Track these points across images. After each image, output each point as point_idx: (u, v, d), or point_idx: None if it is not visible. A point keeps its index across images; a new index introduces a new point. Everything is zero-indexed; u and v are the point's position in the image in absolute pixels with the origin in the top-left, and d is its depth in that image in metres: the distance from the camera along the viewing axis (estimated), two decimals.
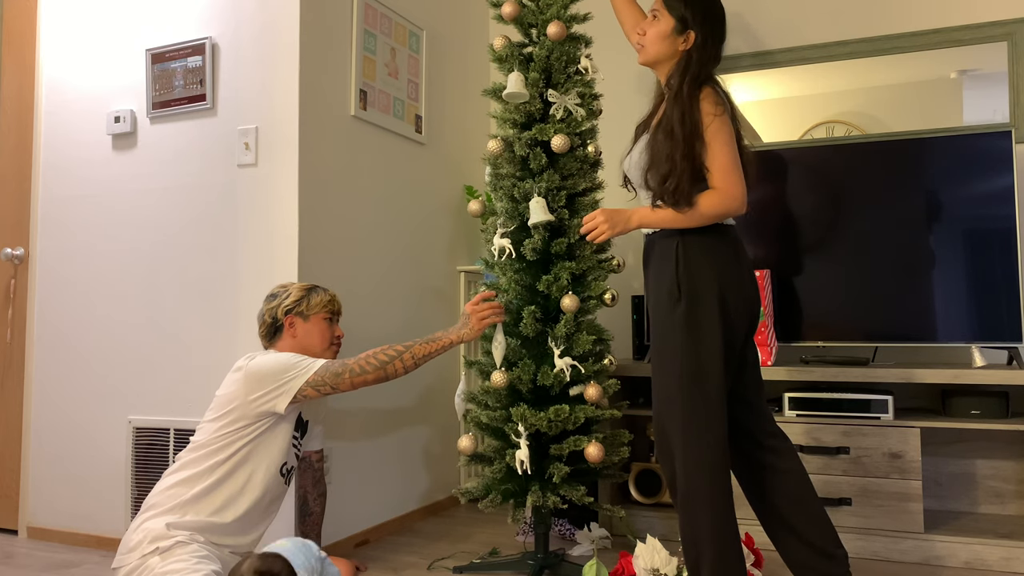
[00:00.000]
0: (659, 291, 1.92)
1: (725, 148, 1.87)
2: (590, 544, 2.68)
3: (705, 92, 1.91)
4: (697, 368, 1.86)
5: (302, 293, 2.18)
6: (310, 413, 2.23)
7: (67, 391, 2.89)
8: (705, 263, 1.89)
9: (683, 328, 1.86)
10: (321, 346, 2.19)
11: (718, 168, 1.87)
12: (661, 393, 1.91)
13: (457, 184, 3.48)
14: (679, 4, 1.96)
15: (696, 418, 1.84)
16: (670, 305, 1.89)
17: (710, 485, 1.83)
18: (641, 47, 2.04)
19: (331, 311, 2.21)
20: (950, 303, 2.72)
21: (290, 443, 2.09)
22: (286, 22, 2.59)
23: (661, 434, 1.91)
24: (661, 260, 1.93)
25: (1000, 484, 2.83)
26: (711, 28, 1.96)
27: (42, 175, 3.00)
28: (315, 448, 2.35)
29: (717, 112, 1.88)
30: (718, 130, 1.88)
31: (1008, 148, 2.67)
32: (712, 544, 1.81)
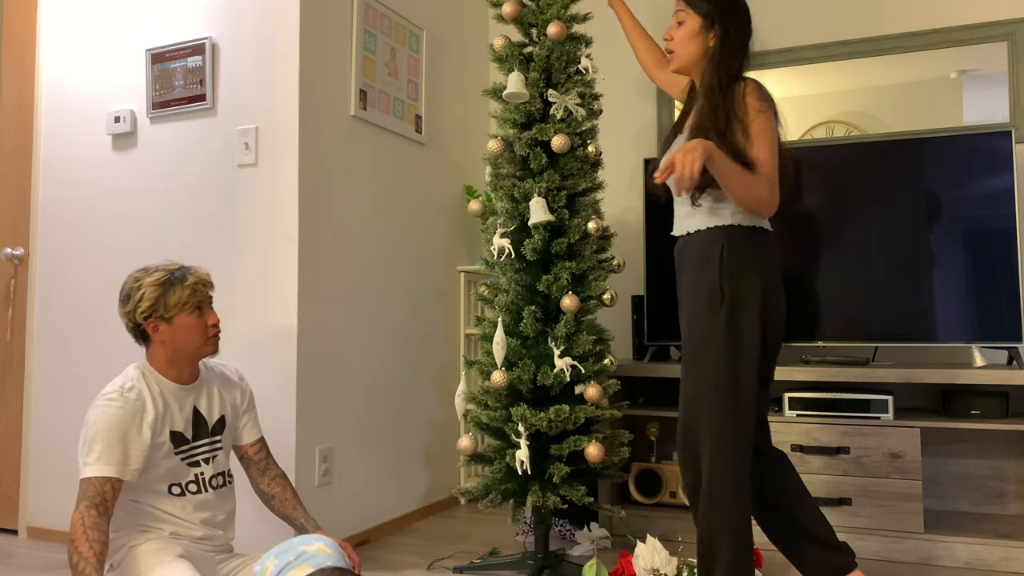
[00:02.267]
0: (698, 293, 1.89)
1: (771, 147, 1.86)
2: (590, 544, 2.68)
3: (750, 87, 1.90)
4: (734, 373, 1.84)
5: (157, 292, 1.86)
6: (210, 410, 2.02)
7: (67, 391, 2.89)
8: (750, 268, 1.87)
9: (724, 332, 1.84)
10: (195, 345, 1.92)
11: (765, 161, 1.84)
12: (694, 395, 1.89)
13: (457, 184, 3.48)
14: (702, 2, 1.96)
15: (728, 422, 1.84)
16: (711, 308, 1.86)
17: (735, 490, 1.83)
18: (671, 53, 2.03)
19: (196, 303, 1.90)
20: (950, 303, 2.72)
21: (177, 463, 1.92)
22: (286, 22, 2.59)
23: (688, 435, 1.90)
24: (703, 262, 1.89)
25: (1000, 484, 2.83)
26: (737, 20, 1.96)
27: (42, 175, 3.00)
28: (248, 441, 2.10)
29: (762, 108, 1.86)
30: (764, 127, 1.86)
31: (1008, 148, 2.68)
32: (730, 547, 1.82)
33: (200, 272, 1.94)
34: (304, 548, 1.73)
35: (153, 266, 1.93)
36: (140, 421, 1.85)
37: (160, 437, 1.89)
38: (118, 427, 1.81)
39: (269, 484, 2.10)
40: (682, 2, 2.00)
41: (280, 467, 2.13)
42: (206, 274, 1.95)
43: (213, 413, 2.02)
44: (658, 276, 3.08)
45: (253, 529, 2.56)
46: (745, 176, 1.80)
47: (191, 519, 1.93)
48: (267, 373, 2.56)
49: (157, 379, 1.92)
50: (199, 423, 1.98)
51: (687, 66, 2.03)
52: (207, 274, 1.96)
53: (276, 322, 2.56)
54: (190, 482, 1.95)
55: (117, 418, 1.81)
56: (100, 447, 1.79)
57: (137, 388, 1.87)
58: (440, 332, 3.33)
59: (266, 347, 2.57)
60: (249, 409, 2.11)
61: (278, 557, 1.71)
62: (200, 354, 1.95)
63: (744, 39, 1.97)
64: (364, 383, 2.85)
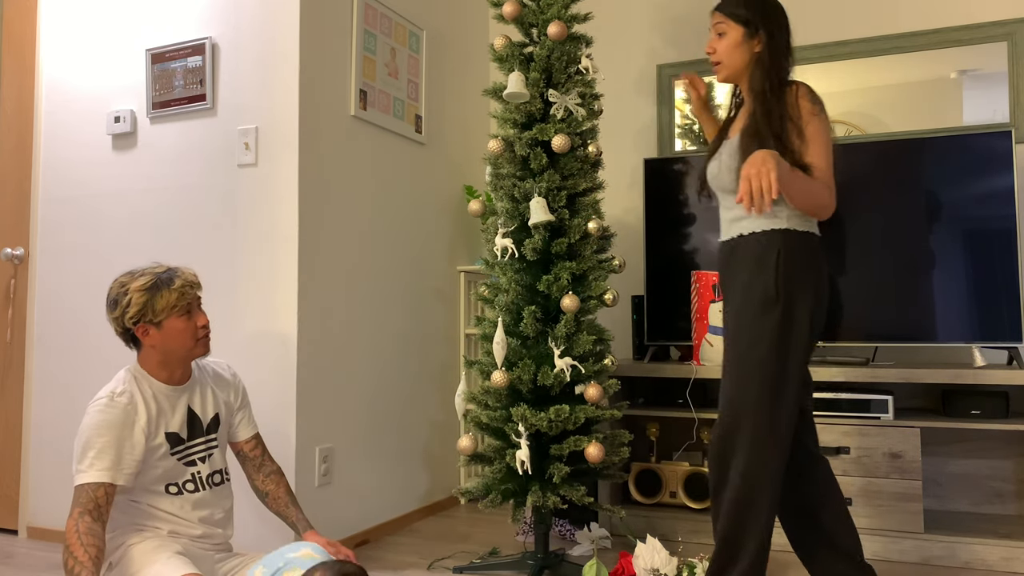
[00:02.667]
0: (750, 294, 1.88)
1: (828, 146, 1.87)
2: (590, 544, 2.68)
3: (802, 89, 1.91)
4: (782, 376, 1.85)
5: (144, 297, 1.84)
6: (204, 409, 2.02)
7: (67, 391, 2.89)
8: (804, 273, 1.87)
9: (775, 335, 1.85)
10: (186, 347, 1.91)
11: (821, 164, 1.86)
12: (736, 396, 1.88)
13: (457, 184, 3.48)
14: (741, 10, 1.98)
15: (771, 426, 1.84)
16: (764, 310, 1.86)
17: (769, 494, 1.84)
18: (717, 64, 2.04)
19: (184, 306, 1.88)
20: (950, 303, 2.72)
21: (174, 464, 1.93)
22: (286, 22, 2.59)
23: (725, 432, 1.89)
24: (758, 265, 1.88)
25: (1000, 484, 2.83)
26: (776, 22, 1.98)
27: (42, 175, 3.00)
28: (244, 438, 2.11)
29: (816, 111, 1.88)
30: (819, 129, 1.87)
31: (1008, 148, 2.68)
32: (752, 550, 1.84)
33: (187, 274, 1.92)
34: (291, 555, 1.76)
35: (139, 269, 1.92)
36: (132, 425, 1.85)
37: (155, 440, 1.89)
38: (109, 432, 1.81)
39: (264, 481, 2.10)
40: (720, 14, 2.01)
41: (276, 463, 2.13)
42: (193, 275, 1.94)
43: (207, 412, 2.02)
44: (658, 276, 3.08)
45: (252, 529, 2.56)
46: (807, 182, 1.81)
47: (189, 517, 1.94)
48: (267, 373, 2.56)
49: (149, 382, 1.92)
50: (194, 422, 1.98)
51: (734, 74, 2.04)
52: (194, 275, 1.94)
53: (276, 322, 2.56)
54: (187, 481, 1.95)
55: (108, 423, 1.81)
56: (92, 453, 1.79)
57: (128, 392, 1.87)
58: (440, 332, 3.33)
59: (266, 347, 2.57)
60: (243, 406, 2.12)
61: (267, 566, 1.74)
62: (191, 356, 1.94)
63: (788, 38, 1.99)
64: (364, 383, 2.85)
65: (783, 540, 2.68)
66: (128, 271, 1.92)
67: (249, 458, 2.12)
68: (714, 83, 3.36)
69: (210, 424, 2.02)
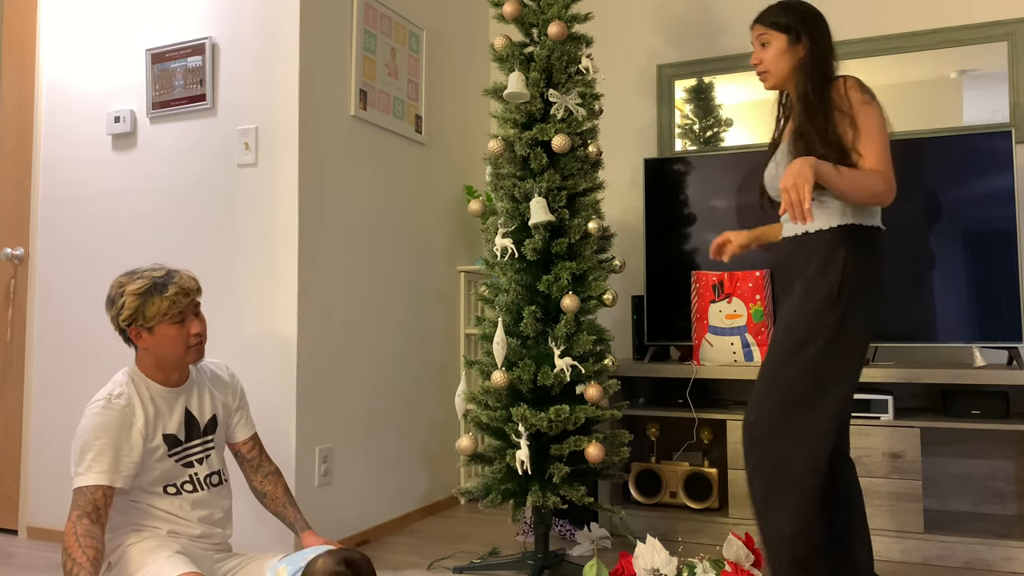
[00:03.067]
0: (811, 293, 1.88)
1: (880, 133, 1.87)
2: (590, 544, 2.68)
3: (850, 81, 1.93)
4: (836, 376, 1.86)
5: (136, 302, 1.83)
6: (202, 410, 2.01)
7: (67, 391, 2.89)
8: (868, 274, 1.88)
9: (834, 334, 1.85)
10: (176, 355, 1.89)
11: (874, 152, 1.85)
12: (787, 390, 1.88)
13: (457, 184, 3.48)
14: (782, 18, 2.02)
15: (819, 424, 1.85)
16: (824, 309, 1.85)
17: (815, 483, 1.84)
18: (765, 73, 2.06)
19: (175, 314, 1.86)
20: (950, 303, 2.72)
21: (172, 465, 1.92)
22: (286, 22, 2.59)
23: (764, 427, 1.89)
24: (823, 262, 1.89)
25: (1000, 484, 2.83)
26: (818, 26, 2.01)
27: (42, 175, 3.00)
28: (241, 439, 2.11)
29: (866, 100, 1.89)
30: (870, 118, 1.87)
31: (1008, 148, 2.68)
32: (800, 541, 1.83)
33: (183, 281, 1.88)
34: (313, 556, 1.76)
35: (140, 270, 1.89)
36: (130, 427, 1.85)
37: (153, 441, 1.89)
38: (107, 434, 1.81)
39: (262, 482, 2.10)
40: (761, 26, 2.05)
41: (274, 464, 2.13)
42: (191, 281, 1.90)
43: (205, 413, 2.02)
44: (658, 276, 3.08)
45: (252, 529, 2.56)
46: (856, 175, 1.81)
47: (189, 517, 1.94)
48: (267, 373, 2.56)
49: (147, 383, 1.92)
50: (191, 424, 1.98)
51: (781, 82, 2.06)
52: (192, 280, 1.90)
53: (276, 322, 2.56)
54: (185, 482, 1.95)
55: (105, 426, 1.81)
56: (90, 456, 1.79)
57: (126, 394, 1.87)
58: (440, 332, 3.33)
59: (266, 347, 2.57)
60: (241, 407, 2.11)
61: (289, 564, 1.75)
62: (183, 363, 1.93)
63: (830, 40, 2.02)
64: (364, 383, 2.85)
65: None
66: (129, 271, 1.91)
67: (247, 459, 2.12)
68: (714, 83, 3.36)
69: (207, 425, 2.02)
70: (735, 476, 2.76)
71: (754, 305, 2.81)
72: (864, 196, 1.82)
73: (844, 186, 1.80)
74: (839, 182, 1.79)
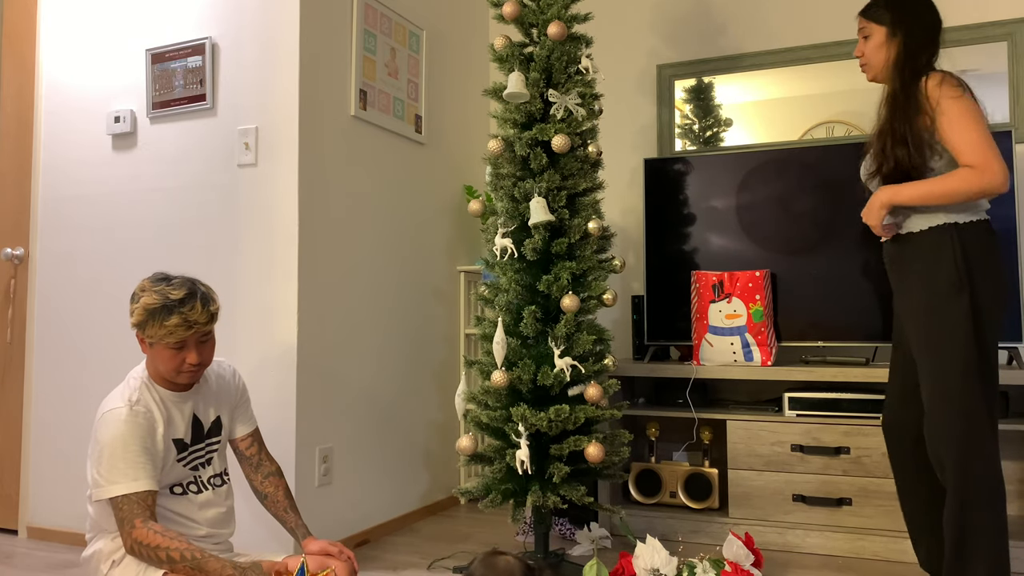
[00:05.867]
0: (933, 284, 1.90)
1: (972, 123, 1.85)
2: (590, 544, 2.68)
3: (934, 78, 1.92)
4: (982, 357, 1.88)
5: (142, 316, 1.82)
6: (207, 413, 2.02)
7: (67, 391, 2.89)
8: (982, 259, 1.89)
9: (968, 319, 1.86)
10: (167, 375, 1.88)
11: (967, 144, 1.84)
12: (938, 388, 1.90)
13: (457, 184, 3.48)
14: (881, 10, 2.03)
15: (980, 410, 1.87)
16: (950, 296, 1.87)
17: (997, 477, 1.85)
18: (865, 65, 2.09)
19: (175, 343, 1.83)
20: None
21: (178, 468, 1.92)
22: (286, 22, 2.59)
23: (938, 431, 1.90)
24: (932, 252, 1.91)
25: None
26: (919, 19, 2.00)
27: (42, 175, 3.00)
28: (240, 435, 2.10)
29: (952, 95, 1.87)
30: (958, 111, 1.86)
31: (1008, 148, 2.67)
32: (994, 538, 1.82)
33: (192, 313, 1.82)
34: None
35: (167, 280, 1.86)
36: (153, 433, 1.87)
37: (166, 446, 1.90)
38: (137, 441, 1.81)
39: (263, 483, 2.10)
40: (863, 18, 2.07)
41: (275, 463, 2.12)
42: (200, 313, 1.84)
43: (209, 416, 2.02)
44: (658, 276, 3.08)
45: (251, 529, 2.56)
46: (939, 185, 1.85)
47: (195, 518, 1.94)
48: (267, 373, 2.56)
49: (156, 388, 1.92)
50: (197, 428, 1.99)
51: (880, 75, 2.08)
52: (202, 313, 1.84)
53: (276, 322, 2.56)
54: (190, 483, 1.96)
55: (134, 433, 1.81)
56: (125, 464, 1.78)
57: (143, 401, 1.88)
58: (440, 332, 3.33)
59: (266, 347, 2.57)
60: (241, 403, 2.11)
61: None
62: (174, 383, 1.92)
63: (930, 33, 2.00)
64: (364, 383, 2.85)
65: (768, 540, 2.68)
66: (161, 276, 1.87)
67: (246, 456, 2.11)
68: (713, 83, 3.36)
69: (211, 428, 2.02)
70: (735, 476, 2.76)
71: (754, 305, 2.81)
72: (960, 197, 1.84)
73: (929, 199, 1.87)
74: (922, 198, 1.87)
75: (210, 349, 1.92)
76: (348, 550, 1.94)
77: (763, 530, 2.71)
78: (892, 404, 2.13)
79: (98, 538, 1.90)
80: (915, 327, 1.95)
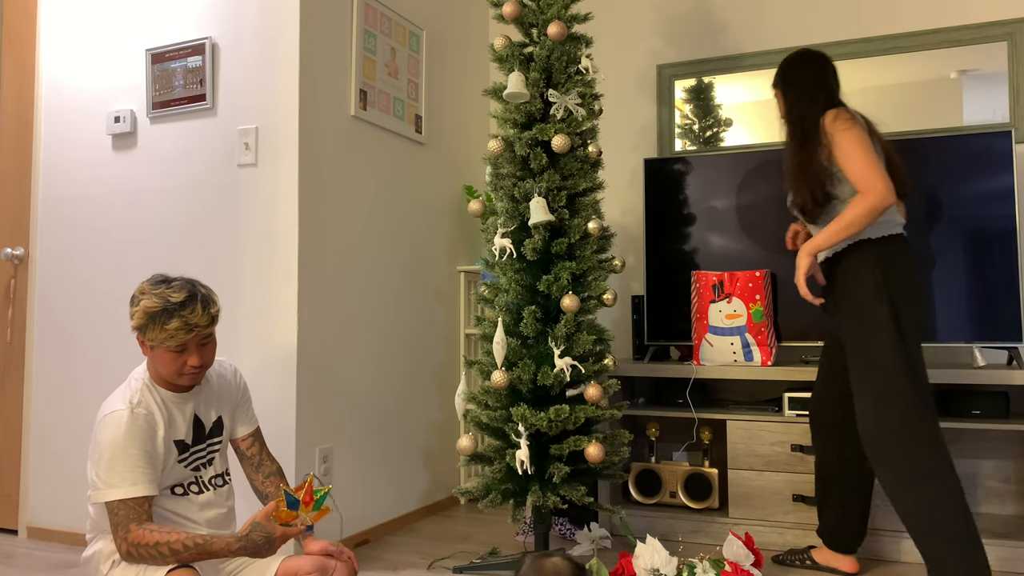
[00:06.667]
0: (858, 294, 2.13)
1: (858, 151, 2.10)
2: (590, 544, 2.68)
3: (828, 116, 2.18)
4: (907, 358, 2.07)
5: (143, 320, 1.80)
6: (208, 414, 2.01)
7: (67, 391, 2.89)
8: (898, 263, 2.13)
9: (891, 322, 2.07)
10: (168, 377, 1.87)
11: (855, 172, 2.09)
12: (870, 390, 2.09)
13: (457, 184, 3.48)
14: (776, 78, 2.37)
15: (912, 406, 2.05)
16: (872, 303, 2.10)
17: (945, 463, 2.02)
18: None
19: (176, 346, 1.82)
20: (950, 303, 2.72)
21: (179, 468, 1.91)
22: (286, 22, 2.59)
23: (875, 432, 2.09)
24: (854, 267, 2.16)
25: (1000, 484, 2.83)
26: (794, 77, 2.32)
27: (42, 175, 3.00)
28: (241, 435, 2.08)
29: (845, 126, 2.13)
30: (847, 140, 2.11)
31: (1008, 148, 2.68)
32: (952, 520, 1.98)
33: (193, 316, 1.81)
34: None
35: (167, 283, 1.85)
36: (154, 436, 1.86)
37: (167, 448, 1.90)
38: (137, 446, 1.80)
39: (263, 483, 2.09)
40: (773, 88, 2.40)
41: (276, 463, 2.11)
42: (200, 316, 1.82)
43: (210, 417, 2.02)
44: (658, 276, 3.08)
45: None
46: (844, 220, 2.09)
47: (196, 518, 1.94)
48: (267, 373, 2.56)
49: (157, 389, 1.92)
50: (198, 428, 1.98)
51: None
52: (203, 316, 1.83)
53: (276, 322, 2.56)
54: (191, 483, 1.95)
55: (134, 436, 1.81)
56: (124, 468, 1.77)
57: (144, 403, 1.87)
58: (440, 332, 3.33)
59: (266, 347, 2.57)
60: (243, 403, 2.11)
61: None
62: (175, 385, 1.92)
63: (813, 82, 2.28)
64: (364, 383, 2.85)
65: (768, 540, 2.68)
66: (161, 279, 1.86)
67: (247, 456, 2.11)
68: (714, 83, 3.37)
69: (213, 428, 2.02)
70: (735, 476, 2.76)
71: (754, 305, 2.81)
72: (863, 220, 2.08)
73: (840, 236, 2.11)
74: (835, 236, 2.11)
75: (211, 351, 1.92)
76: (348, 550, 1.94)
77: (763, 530, 2.71)
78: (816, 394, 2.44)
79: (98, 538, 1.90)
80: (847, 336, 2.17)
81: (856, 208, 2.08)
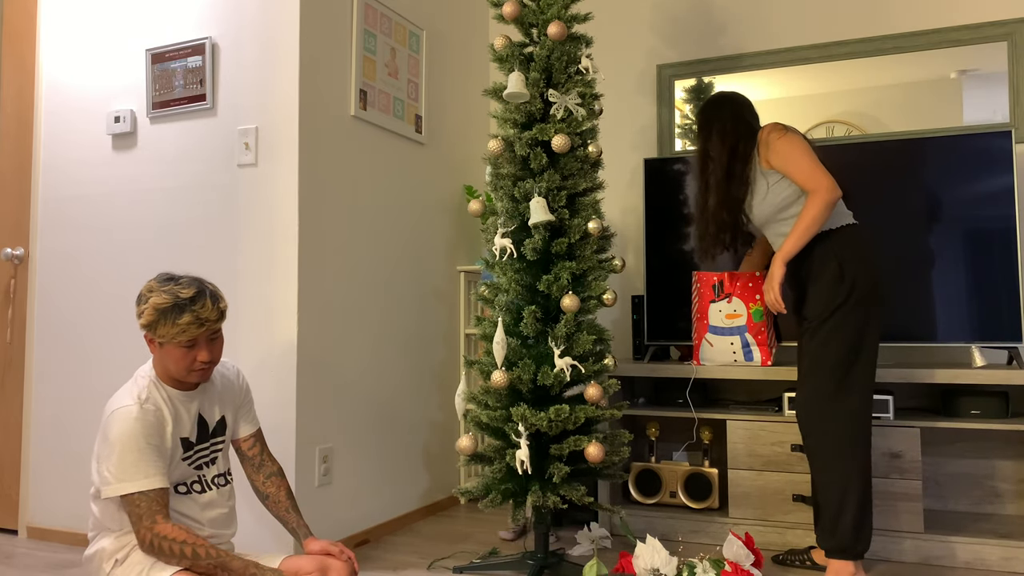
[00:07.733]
0: (823, 280, 2.28)
1: (798, 154, 2.29)
2: (590, 544, 2.68)
3: (766, 129, 2.37)
4: (860, 344, 2.24)
5: (152, 316, 1.82)
6: (211, 413, 2.02)
7: (67, 391, 2.89)
8: (857, 250, 2.28)
9: (853, 306, 2.23)
10: (180, 374, 1.88)
11: (800, 174, 2.28)
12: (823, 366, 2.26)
13: (457, 184, 3.48)
14: (699, 122, 2.52)
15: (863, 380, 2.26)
16: (834, 287, 2.26)
17: (864, 445, 2.25)
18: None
19: (186, 341, 1.83)
20: (950, 303, 2.72)
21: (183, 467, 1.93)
22: (286, 22, 2.60)
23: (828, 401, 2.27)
24: (820, 258, 2.30)
25: (1000, 484, 2.83)
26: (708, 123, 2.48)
27: (42, 175, 3.00)
28: (243, 435, 2.10)
29: (776, 136, 2.32)
30: (786, 147, 2.31)
31: (1008, 148, 2.68)
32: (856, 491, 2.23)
33: (203, 310, 1.83)
34: None
35: (174, 280, 1.86)
36: (163, 431, 1.87)
37: (174, 444, 1.91)
38: (147, 440, 1.82)
39: (264, 483, 2.10)
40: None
41: (276, 463, 2.12)
42: (211, 311, 1.85)
43: (214, 416, 2.02)
44: (658, 276, 3.08)
45: (253, 530, 2.56)
46: (802, 222, 2.27)
47: (199, 518, 1.94)
48: (267, 373, 2.56)
49: (163, 387, 1.92)
50: (202, 427, 1.99)
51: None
52: (212, 311, 1.85)
53: (276, 322, 2.56)
54: (194, 482, 1.96)
55: (145, 430, 1.82)
56: (137, 461, 1.79)
57: (152, 399, 1.88)
58: (440, 332, 3.33)
59: (266, 347, 2.57)
60: (245, 404, 2.12)
61: None
62: (185, 383, 1.93)
63: (734, 119, 2.43)
64: (364, 383, 2.85)
65: (768, 540, 2.68)
66: (168, 276, 1.87)
67: (248, 457, 2.11)
68: (714, 83, 3.37)
69: (216, 427, 2.02)
70: (735, 476, 2.76)
71: (754, 305, 2.81)
72: (819, 219, 2.26)
73: (805, 237, 2.27)
74: (803, 241, 2.27)
75: (219, 347, 1.93)
76: (348, 550, 1.94)
77: (763, 530, 2.71)
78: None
79: (101, 537, 1.90)
80: (811, 327, 2.31)
81: (812, 208, 2.25)
